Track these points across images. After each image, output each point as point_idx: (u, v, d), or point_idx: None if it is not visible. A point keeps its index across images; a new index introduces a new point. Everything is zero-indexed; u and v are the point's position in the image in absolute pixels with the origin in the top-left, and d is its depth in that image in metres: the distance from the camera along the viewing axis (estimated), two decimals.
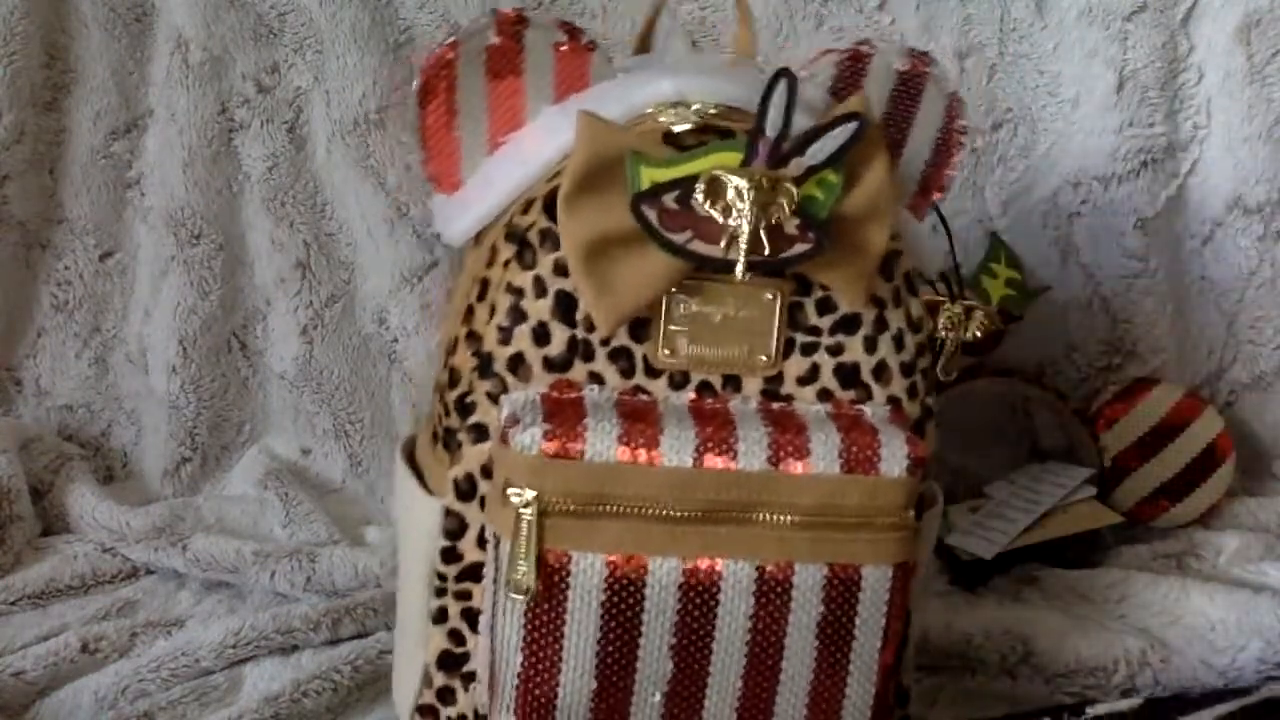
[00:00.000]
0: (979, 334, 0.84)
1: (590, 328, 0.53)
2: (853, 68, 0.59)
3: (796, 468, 0.51)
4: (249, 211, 0.90)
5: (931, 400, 0.58)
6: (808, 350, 0.55)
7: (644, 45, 0.70)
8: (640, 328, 0.54)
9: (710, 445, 0.51)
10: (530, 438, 0.50)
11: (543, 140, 0.56)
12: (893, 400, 0.56)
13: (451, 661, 0.56)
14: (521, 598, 0.50)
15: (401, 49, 0.88)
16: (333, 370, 0.91)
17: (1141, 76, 0.86)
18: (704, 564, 0.50)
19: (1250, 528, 0.84)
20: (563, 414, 0.51)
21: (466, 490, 0.54)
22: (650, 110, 0.55)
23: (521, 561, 0.50)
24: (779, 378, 0.55)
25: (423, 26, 0.88)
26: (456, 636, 0.56)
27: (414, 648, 0.57)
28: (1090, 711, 0.57)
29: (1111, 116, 0.86)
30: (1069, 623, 0.72)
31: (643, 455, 0.50)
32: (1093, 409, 0.86)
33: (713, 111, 0.55)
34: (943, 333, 0.84)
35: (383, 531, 0.86)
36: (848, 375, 0.55)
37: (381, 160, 0.88)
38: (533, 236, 0.54)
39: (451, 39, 0.57)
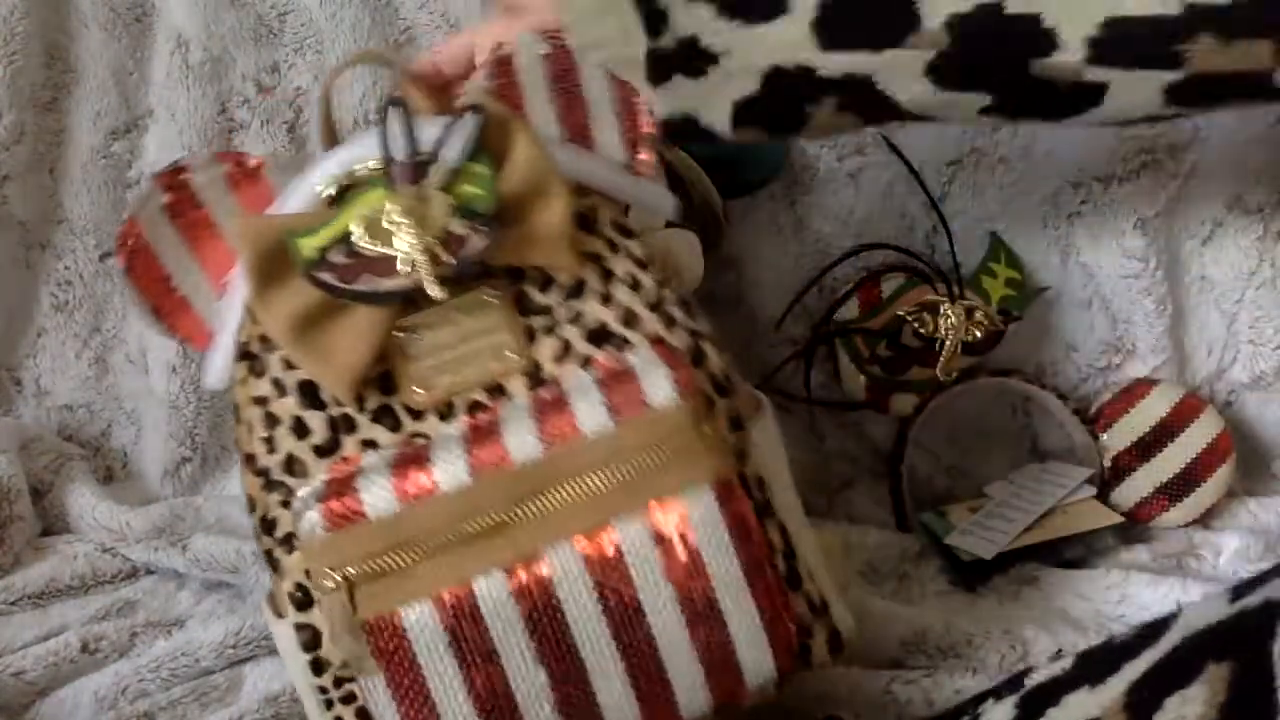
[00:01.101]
0: (979, 334, 0.84)
1: (335, 411, 0.54)
2: (504, 71, 0.59)
3: (569, 438, 0.51)
4: None
5: (698, 323, 0.57)
6: (549, 330, 0.55)
7: (330, 138, 0.70)
8: (387, 380, 0.54)
9: (482, 455, 0.51)
10: (310, 521, 0.50)
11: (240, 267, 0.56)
12: (654, 339, 0.56)
13: None
14: (374, 676, 0.50)
15: (401, 49, 0.88)
16: None
17: None
18: (526, 564, 0.50)
19: (1250, 528, 0.84)
20: (338, 495, 0.51)
21: (303, 599, 0.54)
22: (322, 193, 0.56)
23: (351, 642, 0.50)
24: (536, 367, 0.55)
25: (422, 26, 0.89)
26: None
27: None
28: (1029, 683, 0.55)
29: None
30: (1069, 623, 0.72)
31: (420, 490, 0.50)
32: (1093, 409, 0.86)
33: (371, 166, 0.55)
34: (943, 333, 0.84)
35: None
36: (597, 335, 0.55)
37: None
38: (254, 346, 0.56)
39: (128, 215, 0.59)
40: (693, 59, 0.61)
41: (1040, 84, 0.59)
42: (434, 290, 0.51)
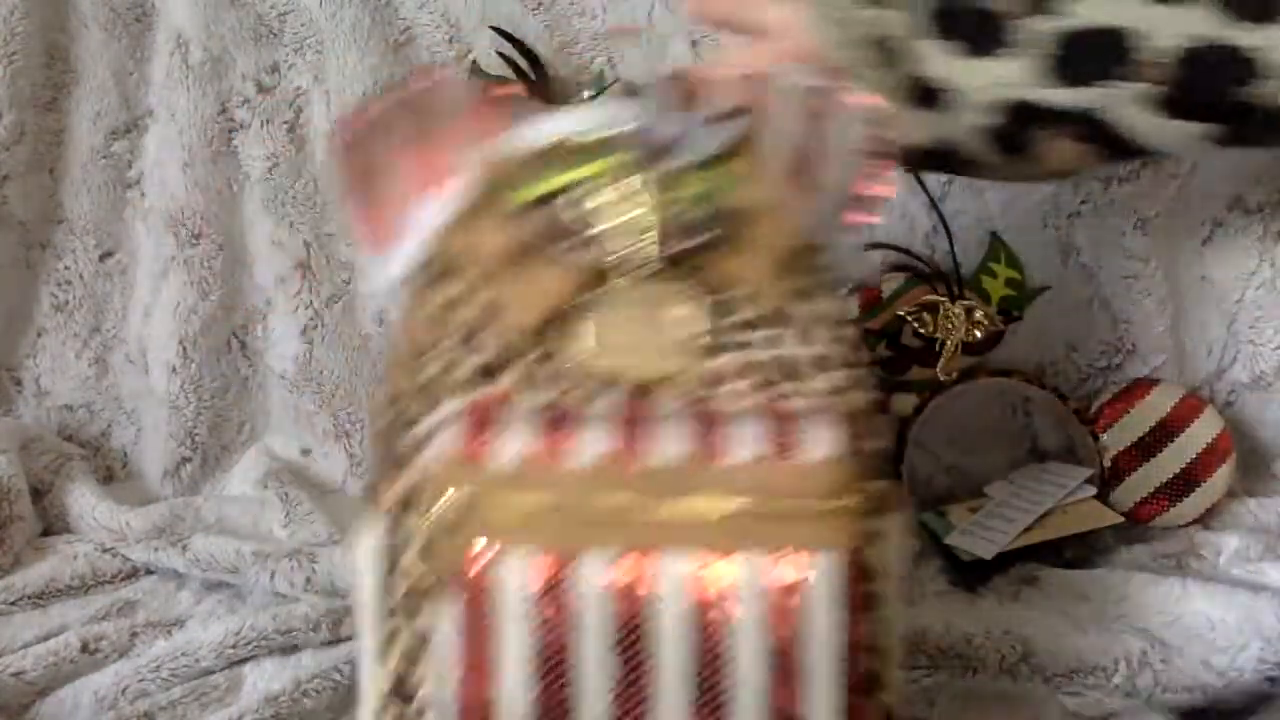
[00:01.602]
0: (979, 334, 0.84)
1: (509, 340, 0.54)
2: (756, 92, 0.59)
3: (716, 458, 0.50)
4: (249, 211, 0.90)
5: (872, 396, 0.57)
6: (731, 348, 0.55)
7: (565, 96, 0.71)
8: (562, 337, 0.54)
9: (625, 443, 0.50)
10: (446, 440, 0.51)
11: (459, 184, 0.57)
12: (830, 392, 0.55)
13: (402, 686, 0.55)
14: (449, 607, 0.50)
15: (401, 49, 0.88)
16: (333, 370, 0.91)
17: None
18: (630, 561, 0.50)
19: (1250, 528, 0.84)
20: (481, 421, 0.51)
21: (405, 507, 0.54)
22: (549, 140, 0.56)
23: (440, 566, 0.50)
24: (705, 378, 0.54)
25: (422, 26, 0.89)
26: (409, 658, 0.55)
27: (370, 677, 0.56)
28: None
29: None
30: (1069, 623, 0.72)
31: (559, 453, 0.50)
32: (1093, 409, 0.86)
33: (607, 135, 0.56)
34: (943, 333, 0.84)
35: None
36: (776, 369, 0.55)
37: None
38: (442, 263, 0.56)
39: (363, 105, 0.59)
40: (928, 92, 0.62)
41: (1258, 112, 0.61)
42: (633, 274, 0.52)
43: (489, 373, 0.54)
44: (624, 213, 0.52)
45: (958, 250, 0.85)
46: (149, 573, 0.82)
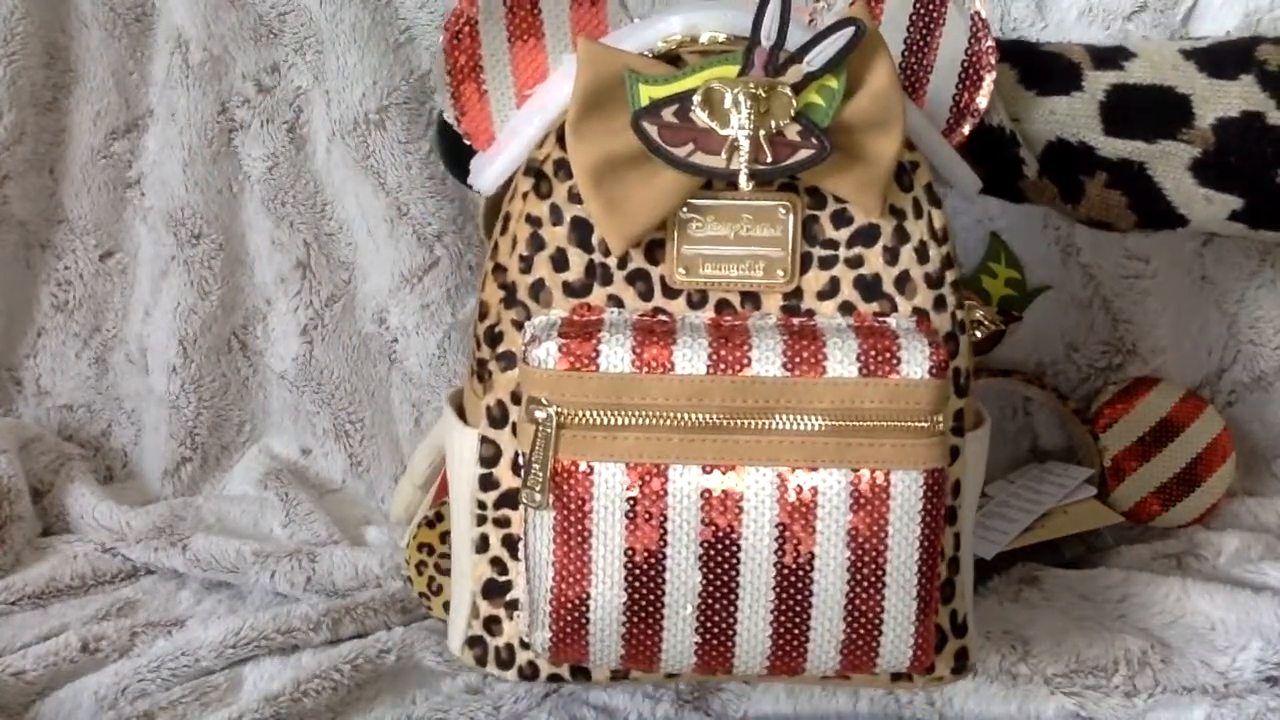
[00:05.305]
0: (979, 334, 0.84)
1: (607, 251, 0.54)
2: None
3: (812, 372, 0.50)
4: (249, 211, 0.90)
5: (964, 315, 0.57)
6: (826, 264, 0.55)
7: None
8: (656, 249, 0.55)
9: (723, 354, 0.51)
10: (546, 352, 0.51)
11: (562, 86, 0.56)
12: (918, 312, 0.55)
13: (495, 589, 0.56)
14: (544, 512, 0.51)
15: (401, 49, 0.88)
16: (333, 370, 0.91)
17: None
18: (725, 471, 0.50)
19: (1250, 528, 0.84)
20: (573, 335, 0.52)
21: (499, 417, 0.55)
22: (660, 45, 0.56)
23: (538, 473, 0.50)
24: (798, 293, 0.55)
25: (422, 26, 0.88)
26: (499, 564, 0.56)
27: (462, 580, 0.58)
28: None
29: None
30: (1069, 623, 0.72)
31: (656, 365, 0.51)
32: (1093, 409, 0.86)
33: (721, 40, 0.55)
34: None
35: (383, 531, 0.86)
36: (869, 287, 0.55)
37: (381, 160, 0.88)
38: (548, 167, 0.55)
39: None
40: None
41: None
42: (745, 183, 0.51)
43: (577, 291, 0.55)
44: (729, 123, 0.51)
45: (958, 250, 0.85)
46: (149, 573, 0.82)
